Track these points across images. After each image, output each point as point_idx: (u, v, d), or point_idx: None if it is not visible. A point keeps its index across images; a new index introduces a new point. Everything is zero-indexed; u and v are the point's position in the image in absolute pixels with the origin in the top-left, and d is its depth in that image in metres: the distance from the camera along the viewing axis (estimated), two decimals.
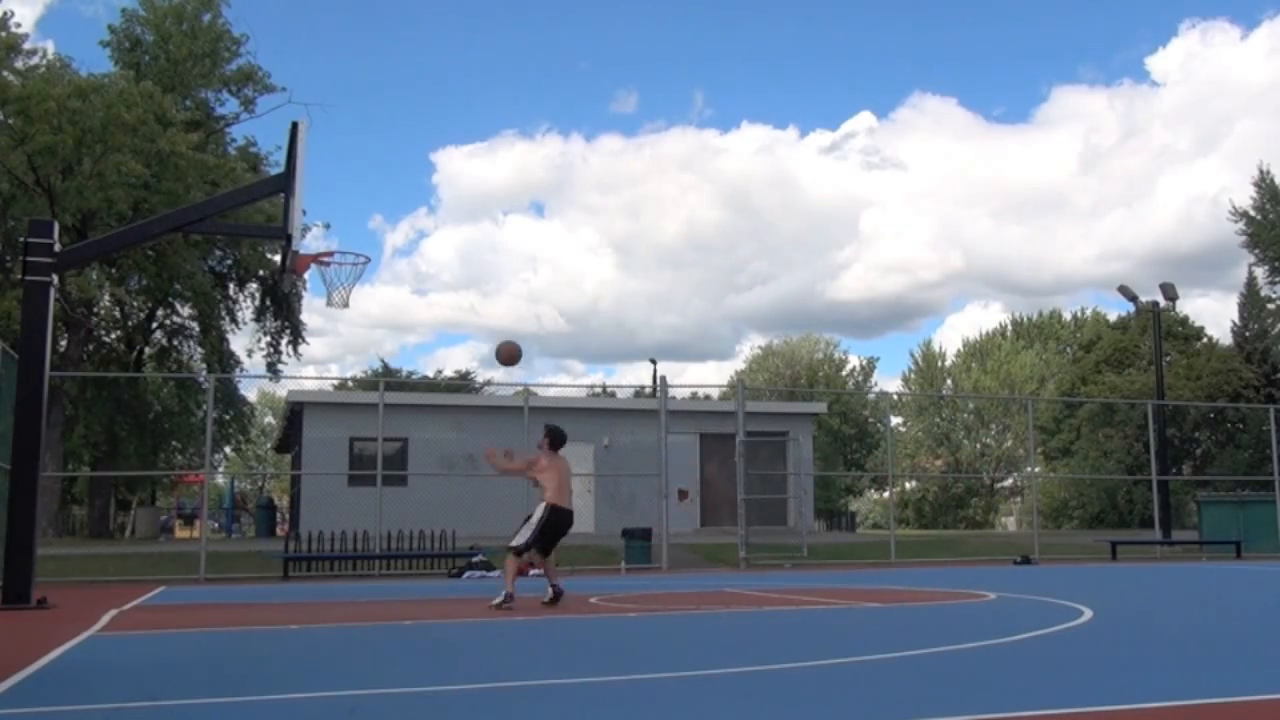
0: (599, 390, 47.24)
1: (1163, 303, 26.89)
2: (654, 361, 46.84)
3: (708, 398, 43.46)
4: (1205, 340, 46.88)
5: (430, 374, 60.02)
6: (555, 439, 9.90)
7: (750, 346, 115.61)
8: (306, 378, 67.00)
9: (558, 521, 9.72)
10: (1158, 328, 27.27)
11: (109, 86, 26.20)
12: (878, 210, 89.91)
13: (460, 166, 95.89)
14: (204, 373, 32.19)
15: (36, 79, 26.19)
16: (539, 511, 9.66)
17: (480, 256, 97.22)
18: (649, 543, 18.10)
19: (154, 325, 34.14)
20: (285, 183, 10.73)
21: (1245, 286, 46.25)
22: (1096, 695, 4.32)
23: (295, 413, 28.84)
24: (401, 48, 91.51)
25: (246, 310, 34.13)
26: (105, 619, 8.55)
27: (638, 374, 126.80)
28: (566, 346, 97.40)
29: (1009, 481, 58.90)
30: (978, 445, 61.63)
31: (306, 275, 11.54)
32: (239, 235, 23.21)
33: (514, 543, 9.59)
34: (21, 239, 10.69)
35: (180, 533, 37.87)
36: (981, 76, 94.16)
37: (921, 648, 6.06)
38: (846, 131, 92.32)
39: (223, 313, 33.38)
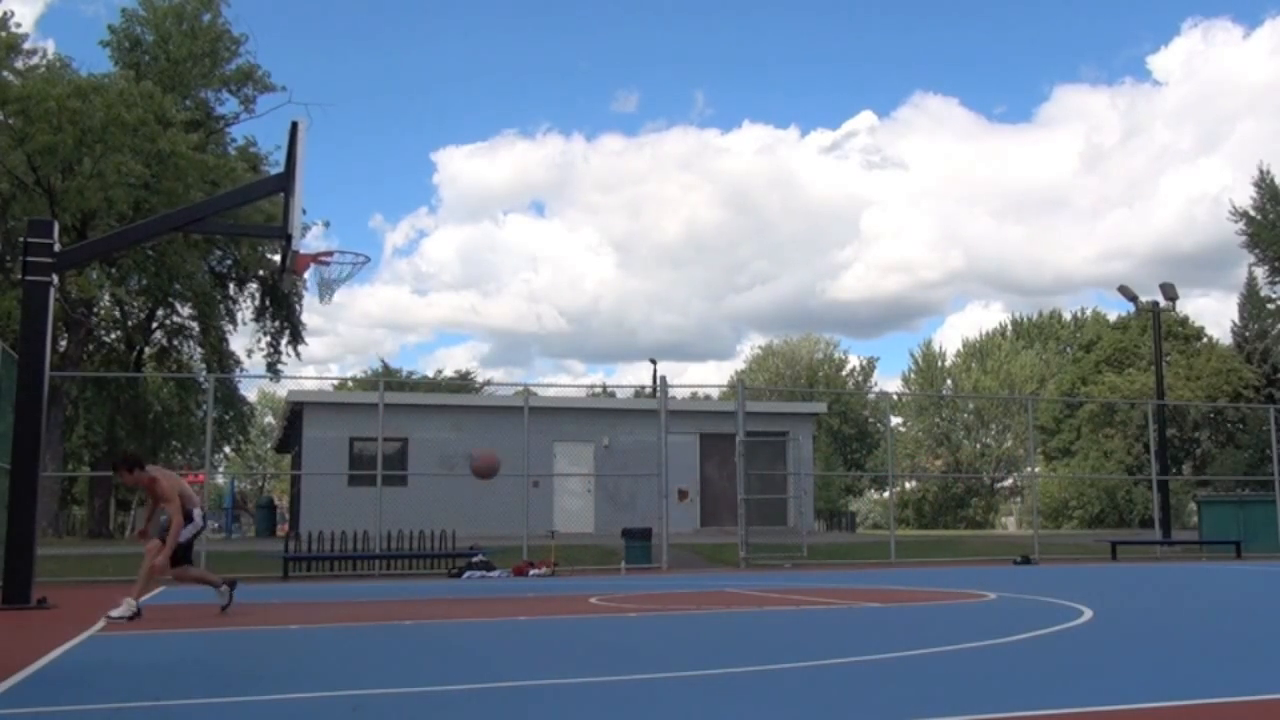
0: (599, 390, 47.29)
1: (1163, 303, 26.88)
2: (654, 361, 46.87)
3: (708, 398, 43.45)
4: (1205, 340, 46.89)
5: (430, 374, 60.11)
6: (130, 462, 9.00)
7: (750, 346, 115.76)
8: (306, 378, 67.07)
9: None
10: (1157, 328, 27.26)
11: (109, 86, 26.19)
12: (878, 210, 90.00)
13: (461, 166, 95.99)
14: (204, 373, 32.19)
15: (36, 79, 26.17)
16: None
17: (481, 256, 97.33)
18: (649, 543, 18.10)
19: (154, 325, 34.14)
20: (285, 182, 10.73)
21: (1245, 286, 46.28)
22: (1096, 695, 4.32)
23: (295, 413, 28.85)
24: (402, 47, 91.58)
25: (246, 310, 34.15)
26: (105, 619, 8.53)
27: (638, 374, 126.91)
28: (567, 346, 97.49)
29: (1009, 481, 58.90)
30: (978, 445, 61.63)
31: (306, 275, 11.53)
32: (239, 235, 23.21)
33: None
34: (21, 239, 10.69)
35: None
36: (983, 76, 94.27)
37: (921, 648, 6.06)
38: (847, 131, 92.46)
39: (222, 313, 33.38)
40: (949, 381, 64.93)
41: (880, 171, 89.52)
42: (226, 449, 41.86)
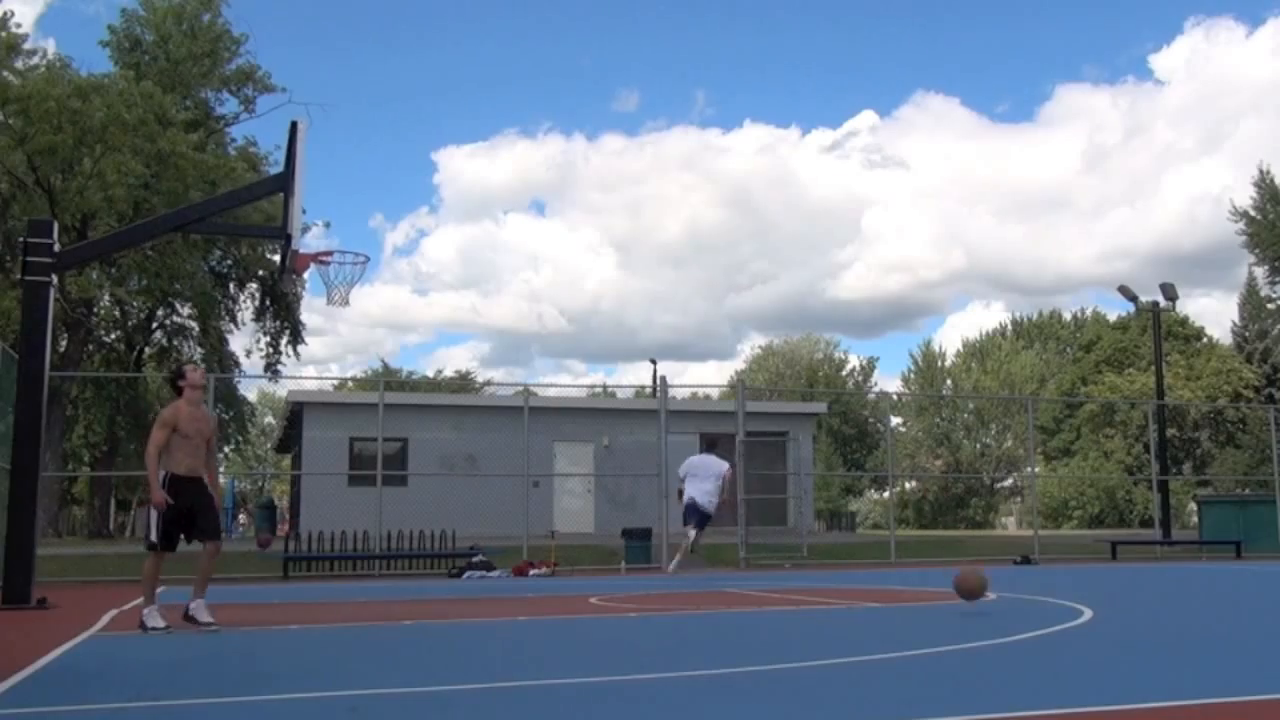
0: (599, 390, 47.26)
1: (1163, 303, 26.88)
2: (654, 361, 46.87)
3: (708, 398, 43.45)
4: (1205, 340, 46.90)
5: (430, 374, 60.11)
6: (176, 375, 7.83)
7: (751, 346, 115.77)
8: (306, 378, 67.04)
9: (176, 496, 7.27)
10: (1157, 328, 27.25)
11: (109, 86, 26.19)
12: (879, 209, 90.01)
13: (461, 165, 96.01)
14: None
15: (36, 79, 26.17)
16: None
17: (481, 256, 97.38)
18: (649, 543, 18.08)
19: (154, 325, 34.13)
20: (285, 182, 10.71)
21: (1245, 286, 46.31)
22: (1096, 695, 4.32)
23: (295, 413, 28.85)
24: (403, 47, 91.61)
25: (246, 310, 34.17)
26: (105, 619, 8.54)
27: (638, 374, 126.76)
28: (567, 346, 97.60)
29: (1009, 481, 58.90)
30: (978, 445, 61.62)
31: (306, 275, 11.52)
32: (239, 235, 23.22)
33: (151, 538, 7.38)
34: (21, 239, 10.69)
35: None
36: (985, 75, 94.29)
37: (921, 648, 6.06)
38: (849, 130, 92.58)
39: (222, 313, 33.38)
40: (949, 381, 64.93)
41: (881, 171, 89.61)
42: (227, 449, 41.87)
